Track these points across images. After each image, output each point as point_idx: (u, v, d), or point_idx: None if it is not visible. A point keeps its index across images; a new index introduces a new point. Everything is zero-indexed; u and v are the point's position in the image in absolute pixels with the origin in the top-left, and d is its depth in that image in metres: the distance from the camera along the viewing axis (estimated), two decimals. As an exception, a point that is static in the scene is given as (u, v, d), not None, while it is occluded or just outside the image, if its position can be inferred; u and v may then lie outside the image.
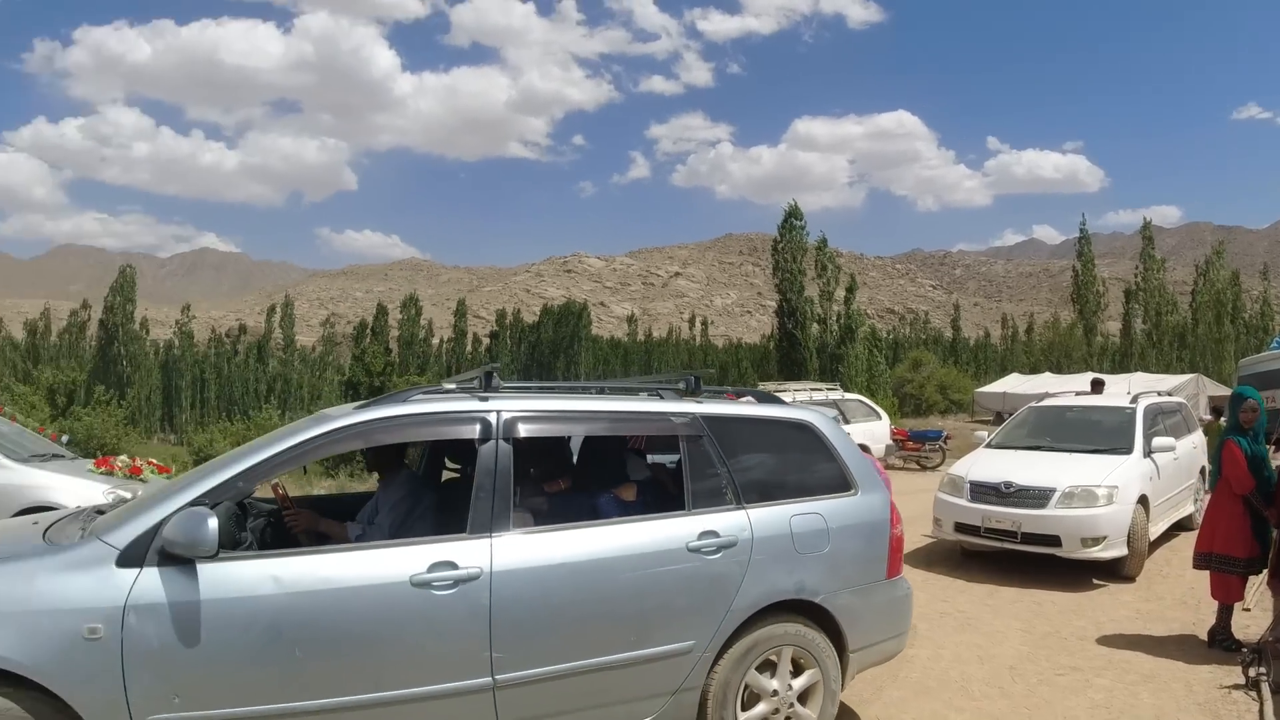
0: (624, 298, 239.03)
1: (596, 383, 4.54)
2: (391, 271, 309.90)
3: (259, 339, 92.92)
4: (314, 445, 3.50)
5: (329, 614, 3.19)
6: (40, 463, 8.24)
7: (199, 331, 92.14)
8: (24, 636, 2.90)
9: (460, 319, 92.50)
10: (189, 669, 3.02)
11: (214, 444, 37.74)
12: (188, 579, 3.06)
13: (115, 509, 3.79)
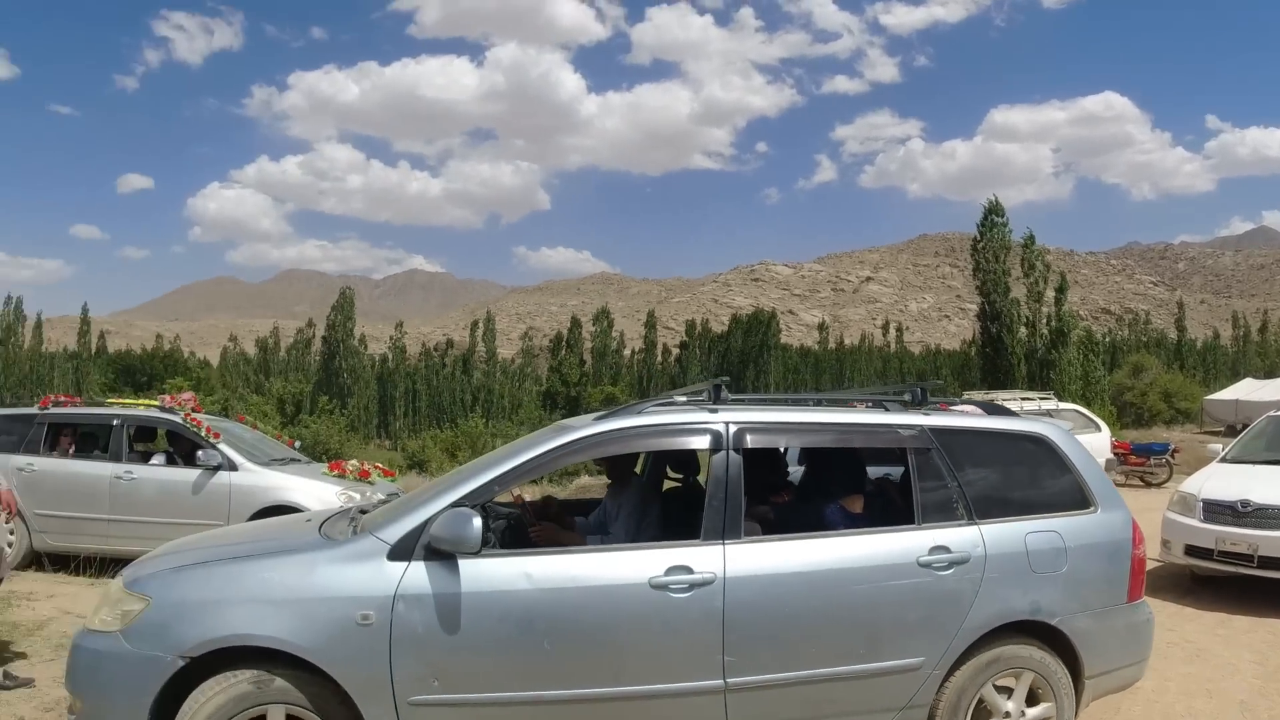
0: (813, 305, 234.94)
1: (815, 394, 4.59)
2: (584, 286, 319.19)
3: (464, 352, 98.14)
4: (558, 454, 3.75)
5: (575, 610, 3.41)
6: (279, 466, 9.02)
7: (410, 346, 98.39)
8: (303, 622, 3.27)
9: (650, 330, 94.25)
10: (448, 655, 3.31)
11: (425, 449, 40.23)
12: (450, 573, 3.34)
13: (380, 507, 4.22)
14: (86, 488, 8.56)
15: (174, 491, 8.51)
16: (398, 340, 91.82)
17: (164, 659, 3.24)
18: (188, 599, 3.37)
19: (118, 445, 8.80)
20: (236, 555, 3.65)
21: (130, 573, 3.68)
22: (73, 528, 8.55)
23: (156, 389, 42.92)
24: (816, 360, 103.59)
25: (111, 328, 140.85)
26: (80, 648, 3.49)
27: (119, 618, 3.40)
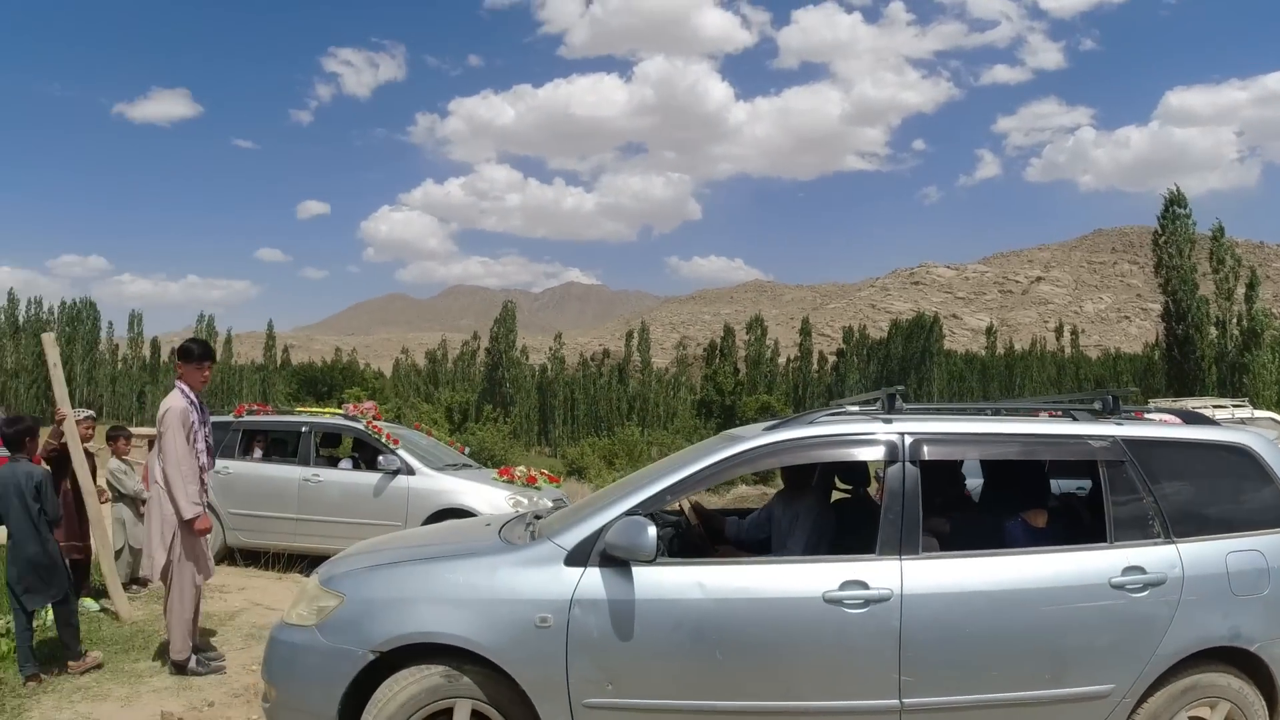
0: (978, 308, 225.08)
1: (995, 403, 4.35)
2: (736, 294, 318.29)
3: (619, 362, 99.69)
4: (730, 464, 3.73)
5: (748, 622, 3.38)
6: (452, 471, 9.38)
7: (568, 356, 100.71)
8: (485, 622, 3.39)
9: (805, 338, 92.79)
10: (622, 660, 3.35)
11: (584, 457, 40.96)
12: (624, 580, 3.39)
13: (555, 513, 4.32)
14: (277, 489, 9.16)
15: (356, 494, 8.99)
16: (556, 351, 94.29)
17: (355, 652, 3.43)
18: (378, 597, 3.55)
19: (306, 450, 9.39)
20: (423, 557, 3.83)
21: (325, 571, 3.91)
22: (264, 526, 9.12)
23: (336, 398, 45.62)
24: (983, 367, 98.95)
25: (294, 342, 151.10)
26: (277, 640, 3.72)
27: (315, 613, 3.61)
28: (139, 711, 4.93)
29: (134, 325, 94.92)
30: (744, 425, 5.09)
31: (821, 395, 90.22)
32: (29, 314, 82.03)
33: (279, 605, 7.40)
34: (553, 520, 3.99)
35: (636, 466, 40.17)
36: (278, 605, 7.42)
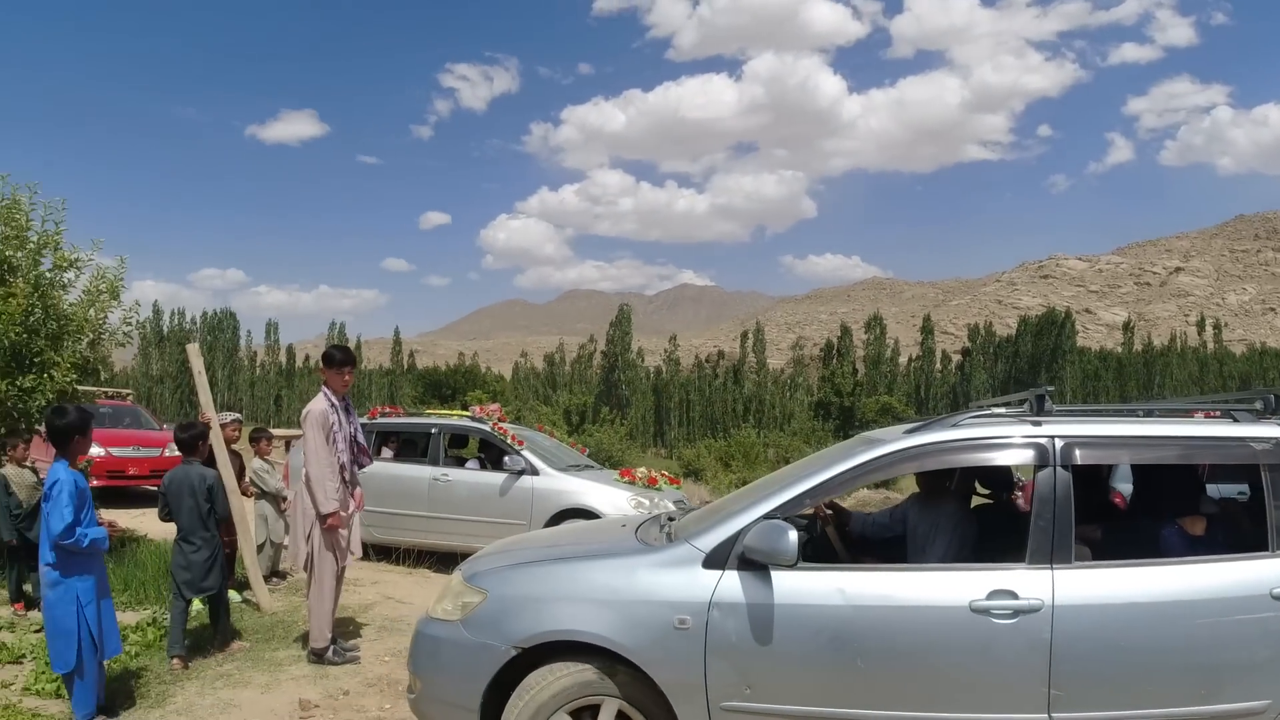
0: (1113, 302, 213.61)
1: (1145, 403, 4.09)
2: (854, 292, 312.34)
3: (734, 363, 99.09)
4: (870, 468, 3.62)
5: (890, 630, 3.31)
6: (575, 472, 9.46)
7: (683, 358, 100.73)
8: (624, 622, 3.42)
9: (927, 336, 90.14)
10: (761, 664, 3.32)
11: (700, 458, 40.81)
12: (763, 584, 3.36)
13: (689, 515, 4.31)
14: (409, 488, 9.45)
15: (483, 493, 9.23)
16: (671, 353, 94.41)
17: (498, 648, 3.53)
18: (520, 594, 3.65)
19: (435, 451, 9.69)
20: (562, 556, 3.94)
21: (468, 568, 4.03)
22: (396, 523, 9.41)
23: (460, 401, 46.84)
24: (1119, 364, 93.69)
25: (419, 347, 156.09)
26: (422, 634, 3.86)
27: (459, 608, 3.74)
28: (278, 698, 5.06)
29: (270, 333, 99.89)
30: (875, 428, 4.92)
31: (945, 396, 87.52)
32: (173, 324, 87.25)
33: (409, 599, 7.55)
34: (688, 522, 4.00)
35: (753, 468, 39.83)
36: (408, 599, 7.56)
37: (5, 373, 7.41)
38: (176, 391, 78.72)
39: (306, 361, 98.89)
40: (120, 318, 8.63)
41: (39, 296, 7.67)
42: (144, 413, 16.65)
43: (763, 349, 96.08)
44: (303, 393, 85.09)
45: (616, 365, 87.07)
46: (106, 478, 12.57)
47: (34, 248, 7.84)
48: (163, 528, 9.99)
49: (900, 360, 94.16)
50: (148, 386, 76.80)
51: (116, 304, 8.48)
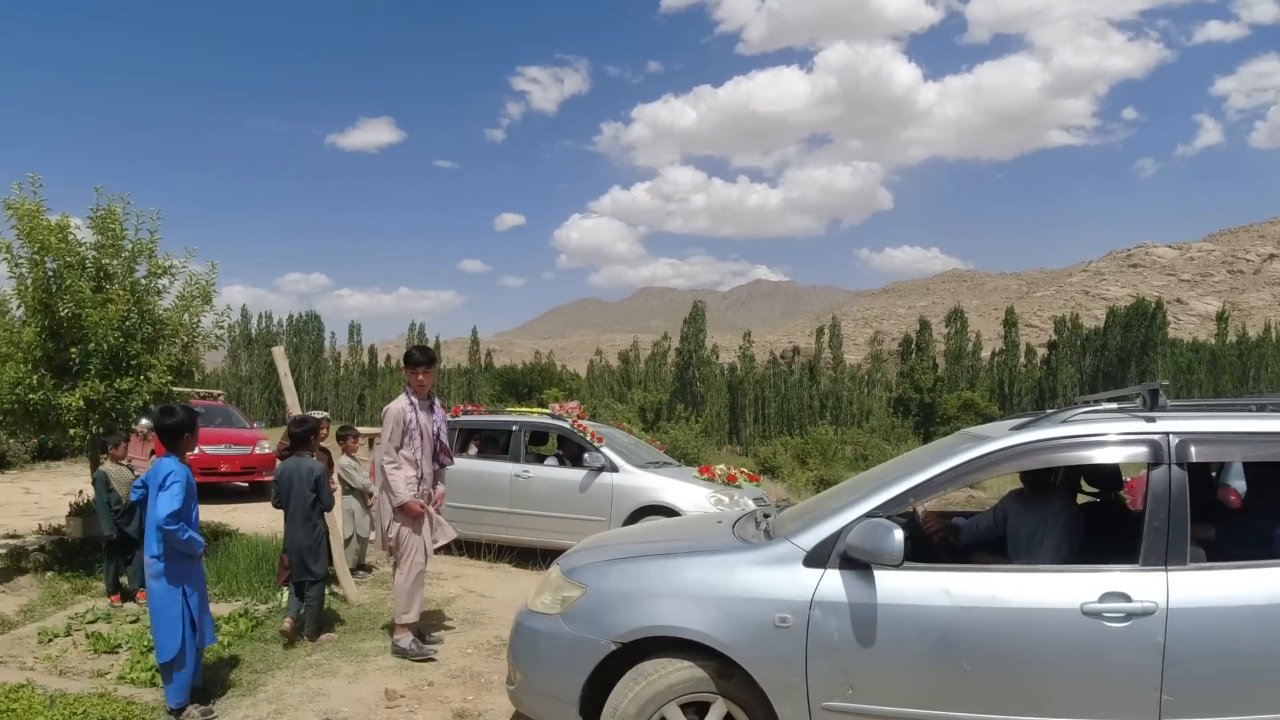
0: (1205, 291, 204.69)
1: (1259, 398, 3.90)
2: (933, 285, 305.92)
3: (810, 359, 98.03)
4: (975, 466, 3.53)
5: (998, 632, 3.22)
6: (653, 469, 9.44)
7: (757, 354, 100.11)
8: (724, 619, 3.41)
9: (1010, 329, 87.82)
10: (863, 664, 3.28)
11: (776, 455, 40.53)
12: (866, 583, 3.31)
13: (786, 511, 4.29)
14: (491, 484, 9.60)
15: (563, 490, 9.29)
16: (746, 349, 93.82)
17: (598, 642, 3.57)
18: (620, 590, 3.67)
19: (517, 448, 9.79)
20: (661, 552, 3.94)
21: (567, 563, 4.05)
22: (478, 518, 9.55)
23: (536, 398, 47.42)
24: (1213, 356, 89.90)
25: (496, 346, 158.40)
26: (523, 626, 3.93)
27: (559, 602, 3.78)
28: (365, 688, 5.18)
29: (353, 334, 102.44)
30: (957, 425, 4.81)
31: (1030, 391, 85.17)
32: (260, 328, 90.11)
33: (491, 593, 7.66)
34: (786, 519, 3.97)
35: (830, 466, 39.41)
36: (490, 593, 7.68)
37: (104, 375, 7.74)
38: (265, 392, 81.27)
39: (388, 361, 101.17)
40: (212, 322, 8.95)
41: (135, 302, 8.00)
42: (235, 412, 17.22)
43: (839, 344, 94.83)
44: (384, 392, 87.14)
45: (691, 362, 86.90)
46: (199, 474, 12.96)
47: (129, 256, 8.18)
48: (254, 522, 10.38)
49: (982, 354, 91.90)
50: (237, 387, 79.50)
51: (208, 308, 8.79)
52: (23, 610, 7.07)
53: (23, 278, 7.69)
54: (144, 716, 4.67)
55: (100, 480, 7.26)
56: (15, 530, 9.85)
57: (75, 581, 7.77)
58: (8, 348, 7.72)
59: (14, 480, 15.96)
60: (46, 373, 7.66)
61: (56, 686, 5.10)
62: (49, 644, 6.19)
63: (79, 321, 7.53)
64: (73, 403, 7.49)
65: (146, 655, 5.71)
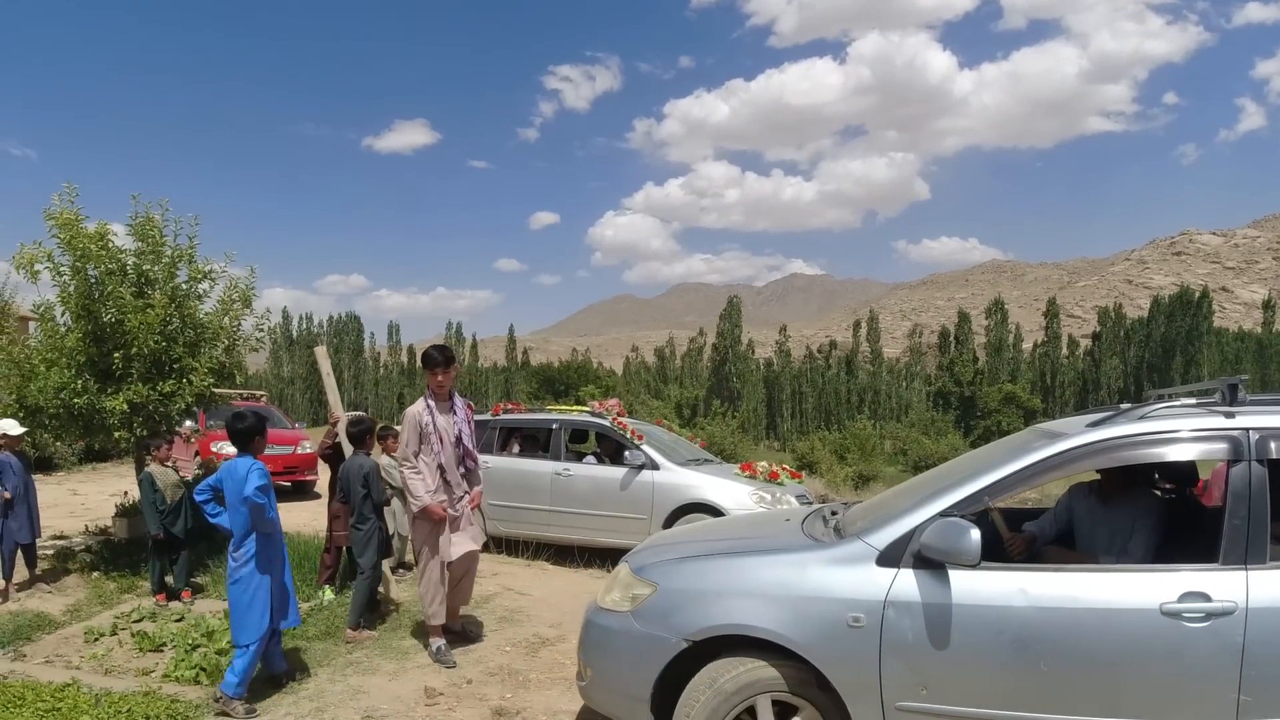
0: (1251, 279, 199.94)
1: None
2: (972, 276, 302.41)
3: (847, 353, 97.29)
4: (1051, 464, 3.46)
5: (1076, 632, 3.18)
6: (695, 466, 9.34)
7: (794, 349, 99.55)
8: (796, 619, 3.40)
9: (1052, 320, 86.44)
10: (938, 664, 3.25)
11: (814, 450, 40.29)
12: (941, 583, 3.29)
13: (854, 509, 4.30)
14: (532, 482, 9.59)
15: (603, 487, 9.23)
16: (782, 344, 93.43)
17: (669, 640, 3.58)
18: (691, 588, 3.67)
19: (557, 446, 9.75)
20: (732, 551, 3.92)
21: (636, 560, 4.07)
22: (519, 516, 9.59)
23: (573, 396, 47.54)
24: (1260, 345, 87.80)
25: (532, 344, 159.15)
26: (593, 623, 3.96)
27: (629, 600, 3.81)
28: (404, 685, 5.21)
29: (392, 334, 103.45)
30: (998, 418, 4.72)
31: (1073, 383, 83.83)
32: (301, 329, 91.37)
33: (529, 590, 7.67)
34: (857, 517, 3.97)
35: (869, 461, 39.11)
36: (527, 590, 7.69)
37: (147, 379, 7.87)
38: (307, 392, 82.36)
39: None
40: (253, 324, 9.05)
41: (175, 307, 8.12)
42: (277, 413, 17.43)
43: (877, 338, 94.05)
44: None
45: (727, 358, 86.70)
46: (243, 475, 13.18)
47: (169, 261, 8.30)
48: (296, 521, 10.48)
49: (1024, 347, 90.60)
50: (279, 388, 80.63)
51: (249, 311, 8.90)
52: (69, 610, 7.21)
53: (65, 285, 7.85)
54: (188, 714, 4.72)
55: (146, 481, 7.38)
56: (62, 531, 10.04)
57: (121, 581, 7.91)
58: (53, 353, 7.88)
59: (61, 482, 16.30)
60: (91, 377, 7.80)
61: (102, 685, 5.19)
62: (95, 643, 6.30)
63: (121, 327, 7.67)
64: (117, 406, 7.62)
65: (190, 654, 5.80)
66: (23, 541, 7.68)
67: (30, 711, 4.57)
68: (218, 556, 8.31)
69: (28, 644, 6.33)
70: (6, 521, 7.58)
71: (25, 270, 7.79)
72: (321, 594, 7.26)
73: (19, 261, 7.78)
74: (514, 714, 4.78)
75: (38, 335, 8.41)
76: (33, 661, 5.92)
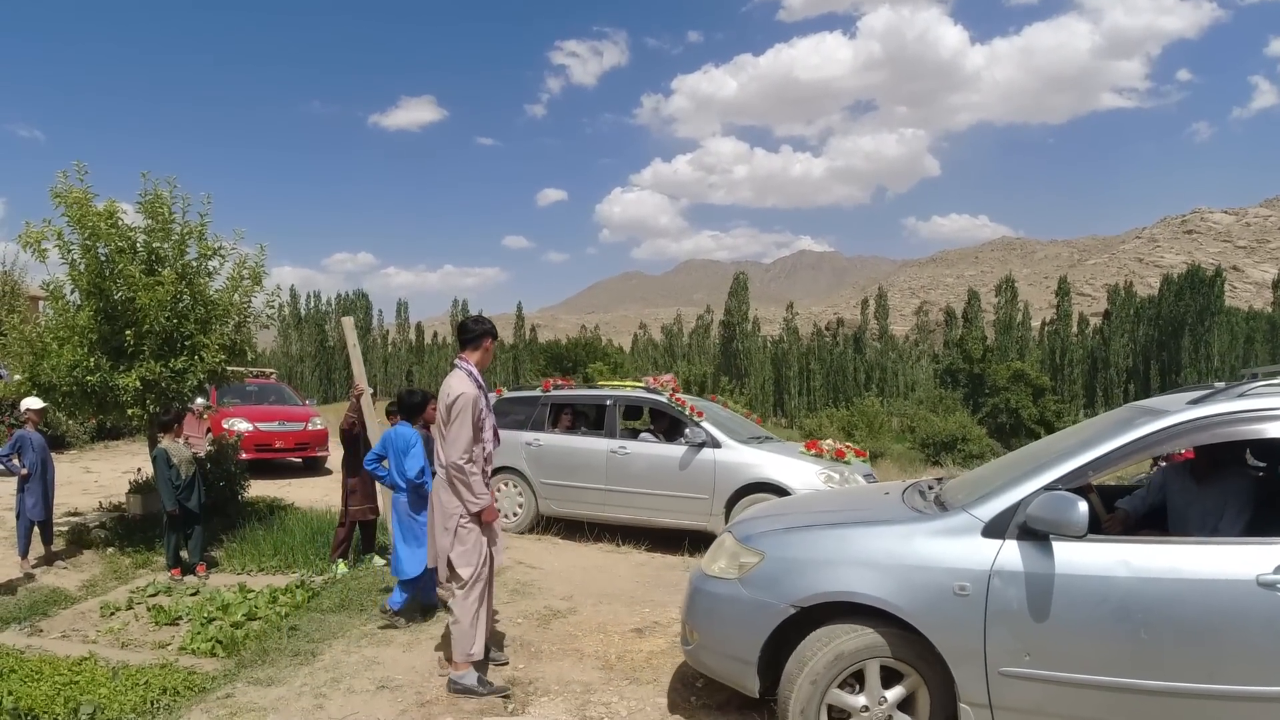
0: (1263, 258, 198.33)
1: None
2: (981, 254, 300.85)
3: (855, 330, 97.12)
4: (1155, 439, 3.56)
5: (1174, 602, 3.27)
6: (757, 444, 9.00)
7: (802, 326, 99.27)
8: (903, 587, 3.55)
9: (1062, 298, 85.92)
10: (1041, 632, 3.36)
11: (822, 428, 40.29)
12: (1045, 554, 3.39)
13: (951, 482, 4.47)
14: (587, 461, 9.28)
15: (663, 466, 8.85)
16: (790, 321, 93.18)
17: (776, 606, 3.76)
18: (799, 557, 3.84)
19: (612, 423, 9.41)
20: (839, 522, 4.07)
21: (741, 530, 4.23)
22: (573, 496, 9.33)
23: (581, 373, 47.56)
24: (1272, 325, 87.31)
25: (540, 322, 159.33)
26: (700, 590, 4.13)
27: (736, 568, 3.98)
28: (419, 657, 5.26)
29: (400, 312, 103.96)
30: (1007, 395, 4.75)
31: (1083, 361, 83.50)
32: (309, 307, 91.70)
33: (539, 564, 7.73)
34: (958, 490, 4.09)
35: (877, 438, 39.09)
36: (538, 564, 7.75)
37: (159, 356, 7.91)
38: (316, 370, 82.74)
39: (435, 338, 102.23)
40: (263, 302, 9.09)
41: (186, 284, 8.15)
42: (288, 390, 17.50)
43: (885, 315, 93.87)
44: (432, 367, 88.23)
45: (735, 335, 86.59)
46: (255, 451, 13.22)
47: (179, 239, 8.32)
48: (309, 496, 10.57)
49: (1034, 324, 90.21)
50: (289, 365, 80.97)
51: (259, 289, 8.93)
52: (85, 585, 7.29)
53: (75, 263, 7.87)
54: (205, 685, 4.79)
55: (160, 457, 7.42)
56: (77, 508, 10.13)
57: (136, 557, 7.99)
58: (64, 331, 7.92)
59: (74, 460, 16.41)
60: (103, 355, 7.84)
61: (119, 658, 5.26)
62: (111, 617, 6.38)
63: (132, 304, 7.70)
64: (129, 383, 7.67)
65: (206, 627, 5.87)
66: (38, 519, 7.75)
67: (48, 685, 4.63)
68: (231, 531, 8.39)
69: (44, 619, 6.41)
70: (22, 497, 7.65)
71: (33, 248, 7.82)
72: (335, 568, 7.32)
73: (26, 240, 7.81)
74: (526, 684, 4.83)
75: (49, 313, 8.45)
76: (49, 636, 6.00)
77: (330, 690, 4.71)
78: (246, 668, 5.06)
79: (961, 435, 41.28)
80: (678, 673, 4.90)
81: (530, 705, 4.56)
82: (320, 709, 4.47)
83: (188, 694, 4.67)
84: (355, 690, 4.72)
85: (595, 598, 6.67)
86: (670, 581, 7.19)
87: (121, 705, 4.44)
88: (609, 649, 5.42)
